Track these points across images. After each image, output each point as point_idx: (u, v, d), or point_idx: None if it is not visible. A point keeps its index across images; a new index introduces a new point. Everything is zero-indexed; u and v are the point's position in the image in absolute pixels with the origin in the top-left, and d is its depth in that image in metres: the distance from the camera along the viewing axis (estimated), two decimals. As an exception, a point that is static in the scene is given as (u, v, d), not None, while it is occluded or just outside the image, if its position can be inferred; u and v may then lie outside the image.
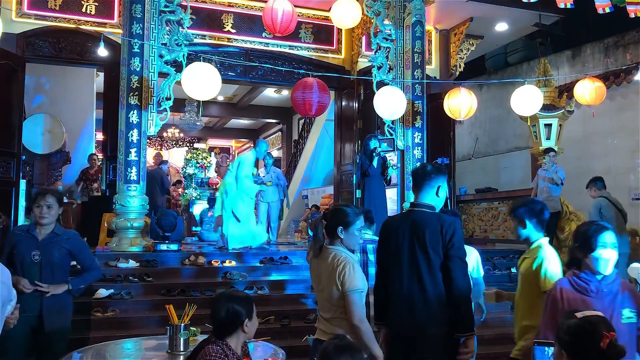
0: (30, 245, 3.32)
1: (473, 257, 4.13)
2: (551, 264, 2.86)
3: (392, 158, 8.06)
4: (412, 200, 2.91)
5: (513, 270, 7.33)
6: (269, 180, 8.28)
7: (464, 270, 2.68)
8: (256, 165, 8.20)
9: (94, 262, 3.65)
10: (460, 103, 7.00)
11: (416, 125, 7.90)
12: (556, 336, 1.95)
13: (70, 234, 3.53)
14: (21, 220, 7.88)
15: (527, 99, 6.61)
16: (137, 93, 6.65)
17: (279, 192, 8.96)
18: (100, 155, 9.21)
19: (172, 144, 16.95)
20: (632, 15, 6.45)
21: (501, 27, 9.77)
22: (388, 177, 7.29)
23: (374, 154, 7.05)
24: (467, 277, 2.72)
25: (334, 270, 2.64)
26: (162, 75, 6.89)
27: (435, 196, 2.80)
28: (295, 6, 6.34)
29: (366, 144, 7.17)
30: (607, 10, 6.57)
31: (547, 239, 3.05)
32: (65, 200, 8.02)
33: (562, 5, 6.55)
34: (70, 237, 3.47)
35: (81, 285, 3.55)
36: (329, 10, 6.92)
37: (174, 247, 6.59)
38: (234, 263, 6.52)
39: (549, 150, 7.54)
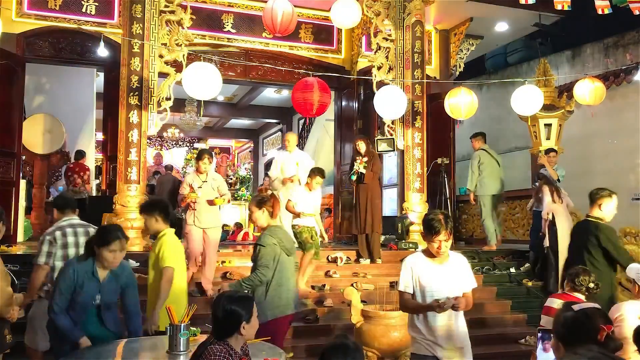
0: (94, 288, 3.15)
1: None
2: (168, 248, 3.61)
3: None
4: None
5: (512, 270, 7.34)
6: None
7: (619, 257, 4.20)
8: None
9: (138, 303, 3.41)
10: (461, 103, 7.01)
11: (416, 125, 7.91)
12: (553, 329, 1.92)
13: (125, 269, 3.33)
14: (21, 220, 7.89)
15: (527, 99, 6.62)
16: (137, 93, 6.66)
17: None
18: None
19: (172, 144, 16.95)
20: (636, 12, 6.44)
21: (501, 27, 9.76)
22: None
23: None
24: (623, 257, 4.20)
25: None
26: (162, 75, 6.89)
27: (599, 210, 4.29)
28: (295, 6, 6.34)
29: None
30: (607, 11, 6.58)
31: (173, 229, 3.74)
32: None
33: (559, 7, 6.57)
34: (125, 273, 3.30)
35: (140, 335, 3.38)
36: (329, 10, 6.91)
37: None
38: (234, 263, 6.52)
39: (549, 151, 7.53)
